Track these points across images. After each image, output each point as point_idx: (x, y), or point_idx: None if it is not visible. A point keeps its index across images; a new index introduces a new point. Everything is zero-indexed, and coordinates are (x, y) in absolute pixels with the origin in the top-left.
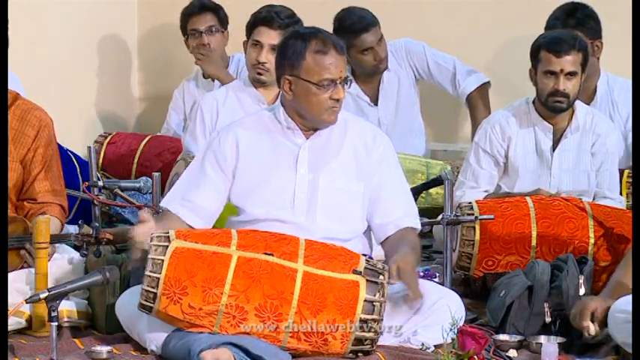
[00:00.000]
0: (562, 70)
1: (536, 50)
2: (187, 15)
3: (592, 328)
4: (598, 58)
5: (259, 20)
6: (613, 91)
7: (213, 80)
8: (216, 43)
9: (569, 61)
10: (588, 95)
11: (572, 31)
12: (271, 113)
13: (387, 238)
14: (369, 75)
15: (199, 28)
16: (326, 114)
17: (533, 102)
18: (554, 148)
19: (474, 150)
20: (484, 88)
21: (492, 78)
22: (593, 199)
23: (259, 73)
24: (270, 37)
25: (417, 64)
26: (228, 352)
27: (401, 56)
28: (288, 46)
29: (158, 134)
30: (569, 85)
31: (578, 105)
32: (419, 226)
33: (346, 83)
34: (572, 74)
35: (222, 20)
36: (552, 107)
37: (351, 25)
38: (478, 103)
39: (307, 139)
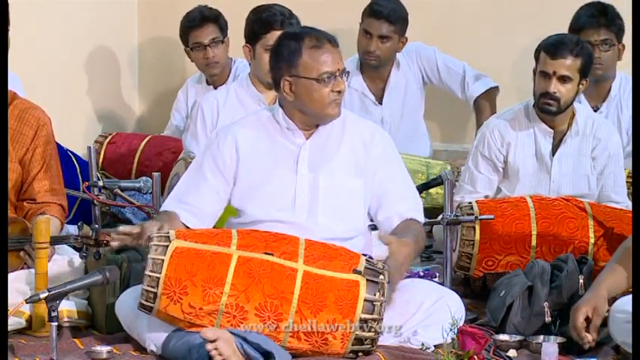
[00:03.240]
0: (555, 73)
1: (538, 51)
2: (188, 28)
3: (589, 339)
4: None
5: (272, 24)
6: (625, 92)
7: (215, 88)
8: (220, 54)
9: (563, 65)
10: (602, 96)
11: (601, 30)
12: (270, 114)
13: (392, 231)
14: (373, 65)
15: (203, 42)
16: (330, 108)
17: (534, 105)
18: (553, 152)
19: (473, 154)
20: (492, 92)
21: (499, 83)
22: (600, 203)
23: None
24: None
25: (427, 67)
26: (229, 334)
27: (411, 59)
28: (283, 47)
29: (161, 134)
30: (561, 89)
31: (579, 109)
32: (423, 220)
33: (345, 75)
34: (565, 78)
35: (223, 28)
36: (542, 109)
37: (374, 5)
38: (485, 107)
39: (307, 139)
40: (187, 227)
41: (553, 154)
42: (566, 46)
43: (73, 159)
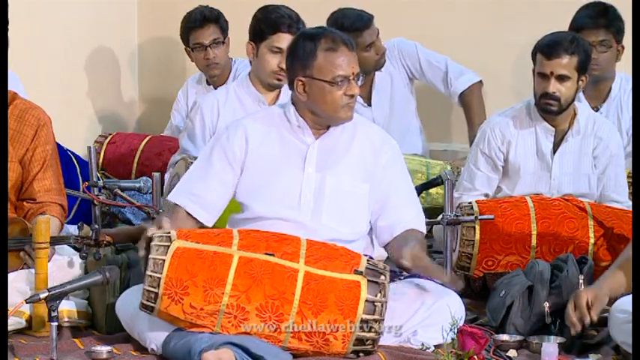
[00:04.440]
0: (552, 73)
1: (534, 51)
2: (189, 28)
3: (578, 326)
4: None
5: (279, 26)
6: (625, 92)
7: (215, 88)
8: (221, 55)
9: (560, 64)
10: (603, 97)
11: (599, 30)
12: (281, 110)
13: (392, 239)
14: (368, 72)
15: (204, 43)
16: (342, 111)
17: (536, 104)
18: (554, 150)
19: (473, 152)
20: (476, 87)
21: (489, 79)
22: (601, 203)
23: (279, 79)
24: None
25: (409, 63)
26: (230, 352)
27: (394, 56)
28: (299, 47)
29: (161, 134)
30: (560, 88)
31: (580, 108)
32: (424, 231)
33: (358, 79)
34: (563, 77)
35: (224, 28)
36: (543, 109)
37: (352, 24)
38: (472, 102)
39: (317, 138)
40: (192, 218)
41: (554, 153)
42: (561, 45)
43: (73, 159)
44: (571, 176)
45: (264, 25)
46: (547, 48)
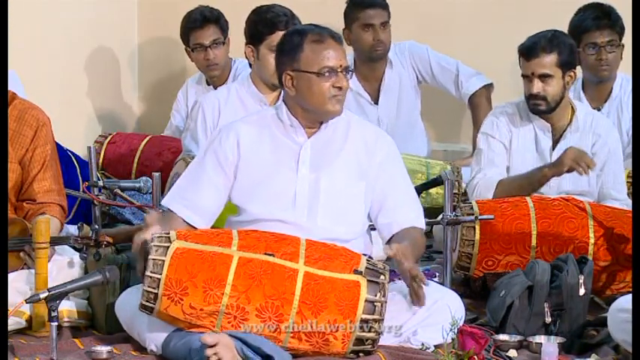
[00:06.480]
0: (533, 74)
1: (518, 54)
2: (189, 29)
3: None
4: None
5: (276, 25)
6: (625, 93)
7: (215, 88)
8: (221, 56)
9: (539, 64)
10: (604, 98)
11: (605, 31)
12: (274, 112)
13: (391, 237)
14: (365, 60)
15: (204, 43)
16: (330, 104)
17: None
18: (553, 147)
19: (483, 139)
20: (487, 89)
21: (494, 80)
22: (599, 200)
23: None
24: None
25: (420, 66)
26: (228, 337)
27: (404, 58)
28: (286, 42)
29: (161, 134)
30: (545, 88)
31: (579, 106)
32: (424, 226)
33: (348, 73)
34: (545, 76)
35: (224, 28)
36: (532, 110)
37: None
38: (481, 104)
39: (309, 137)
40: (187, 223)
41: (553, 150)
42: (538, 44)
43: (73, 159)
44: (570, 174)
45: (261, 25)
46: (525, 49)
